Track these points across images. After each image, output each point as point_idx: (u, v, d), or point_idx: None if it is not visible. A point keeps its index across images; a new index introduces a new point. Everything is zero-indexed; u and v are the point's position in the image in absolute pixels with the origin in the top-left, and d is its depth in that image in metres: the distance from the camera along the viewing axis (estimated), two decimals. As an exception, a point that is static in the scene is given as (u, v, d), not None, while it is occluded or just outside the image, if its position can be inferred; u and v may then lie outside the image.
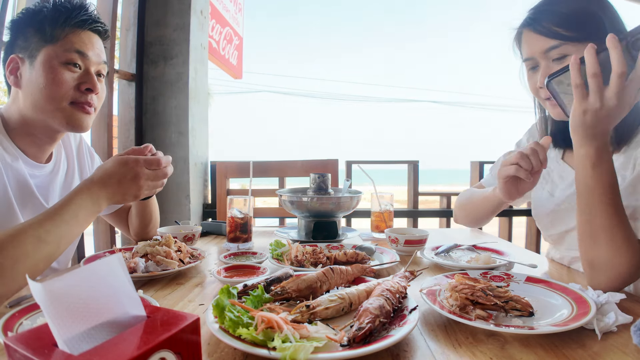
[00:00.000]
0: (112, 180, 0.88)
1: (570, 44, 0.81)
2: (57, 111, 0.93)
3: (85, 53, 0.94)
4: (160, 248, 0.94)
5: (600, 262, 0.76)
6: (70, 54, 0.92)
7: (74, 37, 0.93)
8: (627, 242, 0.74)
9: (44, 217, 0.79)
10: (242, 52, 5.09)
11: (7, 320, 0.60)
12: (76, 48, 0.93)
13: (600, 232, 0.75)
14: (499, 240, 1.34)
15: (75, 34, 0.94)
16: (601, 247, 0.75)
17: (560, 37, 0.82)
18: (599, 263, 0.76)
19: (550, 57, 0.85)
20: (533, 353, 0.55)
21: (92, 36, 0.97)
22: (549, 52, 0.84)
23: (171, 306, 0.74)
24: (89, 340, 0.38)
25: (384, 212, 1.37)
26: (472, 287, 0.67)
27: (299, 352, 0.49)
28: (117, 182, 0.88)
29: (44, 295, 0.36)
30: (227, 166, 2.06)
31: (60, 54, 0.91)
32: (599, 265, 0.76)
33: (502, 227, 2.68)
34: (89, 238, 1.99)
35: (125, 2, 2.34)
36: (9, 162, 0.93)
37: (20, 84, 0.93)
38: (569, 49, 0.82)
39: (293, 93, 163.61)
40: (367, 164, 2.09)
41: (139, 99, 2.41)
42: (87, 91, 0.95)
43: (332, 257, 0.99)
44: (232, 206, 1.20)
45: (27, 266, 0.73)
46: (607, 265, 0.75)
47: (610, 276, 0.76)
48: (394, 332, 0.57)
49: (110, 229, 2.12)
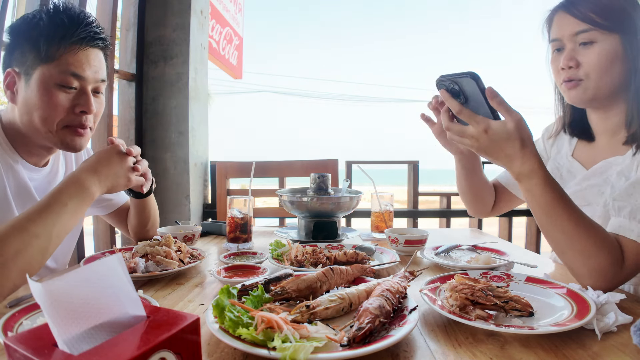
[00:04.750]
0: (99, 164, 0.89)
1: (599, 31, 0.85)
2: (49, 133, 0.91)
3: (81, 75, 0.90)
4: (160, 248, 0.94)
5: (580, 271, 0.77)
6: (65, 77, 0.88)
7: (71, 56, 0.89)
8: (594, 243, 0.74)
9: (33, 210, 0.77)
10: (242, 52, 5.09)
11: (7, 320, 0.60)
12: (72, 70, 0.89)
13: (562, 243, 0.77)
14: (499, 240, 1.34)
15: (72, 52, 0.89)
16: (572, 256, 0.76)
17: (592, 22, 0.85)
18: (580, 272, 0.77)
19: (578, 40, 0.87)
20: (533, 353, 0.55)
21: (90, 53, 0.92)
22: (578, 35, 0.87)
23: (171, 306, 0.74)
24: (89, 340, 0.38)
25: (384, 212, 1.37)
26: (472, 287, 0.67)
27: (299, 352, 0.49)
28: (105, 164, 0.89)
29: (44, 295, 0.36)
30: (227, 166, 2.06)
31: (55, 76, 0.88)
32: (581, 273, 0.77)
33: (502, 227, 2.68)
34: (89, 238, 1.99)
35: (125, 2, 2.34)
36: (8, 165, 0.93)
37: (16, 101, 0.92)
38: (596, 36, 0.85)
39: (293, 93, 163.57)
40: (367, 164, 2.09)
41: (139, 99, 2.41)
42: (81, 113, 0.93)
43: (332, 257, 0.99)
44: (232, 206, 1.20)
45: (20, 263, 0.72)
46: (588, 271, 0.75)
47: (594, 280, 0.75)
48: (394, 332, 0.57)
49: (110, 229, 2.12)
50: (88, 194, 0.85)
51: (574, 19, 0.87)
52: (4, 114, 0.97)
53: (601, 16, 0.84)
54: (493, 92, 0.72)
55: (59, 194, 0.81)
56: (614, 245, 0.75)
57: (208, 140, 2.69)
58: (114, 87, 2.17)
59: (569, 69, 0.89)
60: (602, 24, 0.84)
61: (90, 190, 0.86)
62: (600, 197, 0.92)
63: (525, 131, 0.74)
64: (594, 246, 0.74)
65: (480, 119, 0.75)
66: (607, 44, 0.84)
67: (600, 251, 0.74)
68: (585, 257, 0.75)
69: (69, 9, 0.91)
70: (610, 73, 0.86)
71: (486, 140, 0.75)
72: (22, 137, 0.95)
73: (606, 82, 0.87)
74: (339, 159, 2.01)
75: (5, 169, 0.93)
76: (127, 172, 0.95)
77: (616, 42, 0.84)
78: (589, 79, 0.87)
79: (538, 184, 0.75)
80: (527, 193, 0.77)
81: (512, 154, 0.74)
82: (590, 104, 0.93)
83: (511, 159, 0.75)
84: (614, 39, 0.84)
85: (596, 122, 0.98)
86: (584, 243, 0.74)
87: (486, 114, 0.75)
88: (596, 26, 0.85)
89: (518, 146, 0.73)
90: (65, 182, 0.84)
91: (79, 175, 0.86)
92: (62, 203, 0.80)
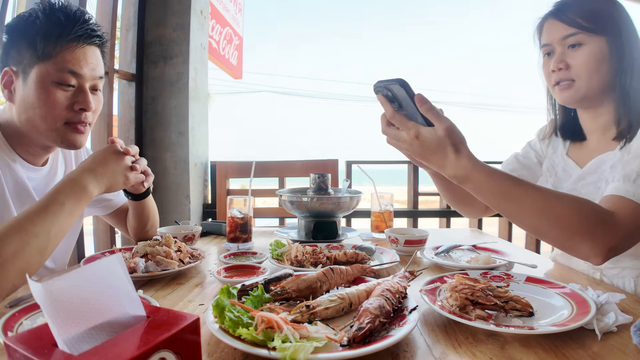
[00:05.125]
0: (96, 163, 0.89)
1: (586, 34, 0.89)
2: (50, 131, 0.92)
3: (78, 72, 0.90)
4: (160, 248, 0.94)
5: (571, 243, 0.75)
6: (63, 74, 0.88)
7: (68, 54, 0.88)
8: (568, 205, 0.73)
9: (31, 210, 0.77)
10: (242, 52, 5.08)
11: (7, 320, 0.60)
12: (69, 68, 0.89)
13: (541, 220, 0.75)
14: (499, 240, 1.34)
15: (70, 50, 0.89)
16: (556, 230, 0.74)
17: (579, 26, 0.89)
18: (572, 243, 0.75)
19: (567, 44, 0.92)
20: (533, 353, 0.55)
21: (87, 50, 0.92)
22: (566, 38, 0.91)
23: (171, 306, 0.74)
24: (89, 340, 0.38)
25: (384, 212, 1.37)
26: (472, 287, 0.67)
27: (299, 352, 0.49)
28: (102, 163, 0.89)
29: (44, 295, 0.36)
30: (227, 166, 2.06)
31: (52, 74, 0.88)
32: (572, 245, 0.75)
33: (502, 227, 2.68)
34: (89, 238, 1.99)
35: (125, 2, 2.34)
36: (7, 164, 0.93)
37: (14, 100, 0.91)
38: (584, 38, 0.90)
39: (293, 93, 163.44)
40: (367, 164, 2.09)
41: (139, 99, 2.40)
42: (80, 110, 0.93)
43: (332, 257, 0.99)
44: (232, 206, 1.20)
45: (19, 263, 0.72)
46: (579, 238, 0.73)
47: (587, 245, 0.73)
48: (394, 332, 0.57)
49: (110, 229, 2.12)
50: (85, 193, 0.85)
51: (562, 25, 0.92)
52: (2, 113, 0.97)
53: (588, 20, 0.89)
54: (422, 99, 0.74)
55: (57, 194, 0.81)
56: (594, 206, 0.74)
57: (208, 140, 2.69)
58: (113, 87, 2.17)
59: (559, 70, 0.93)
60: (589, 27, 0.89)
61: (87, 189, 0.86)
62: (597, 192, 0.93)
63: (457, 136, 0.74)
64: (570, 209, 0.73)
65: (412, 125, 0.76)
66: (594, 46, 0.89)
67: (579, 213, 0.73)
68: (568, 224, 0.73)
69: (65, 6, 0.91)
70: (598, 73, 0.90)
71: (418, 147, 0.77)
72: (20, 136, 0.95)
73: (596, 82, 0.90)
74: (339, 159, 2.01)
75: (4, 169, 0.92)
76: (125, 170, 0.95)
77: (603, 43, 0.89)
78: (580, 79, 0.91)
79: (481, 179, 0.75)
80: (476, 192, 0.77)
81: (444, 159, 0.75)
82: (581, 103, 0.96)
83: (444, 164, 0.76)
84: (600, 41, 0.89)
85: (587, 122, 1.01)
86: (559, 210, 0.73)
87: (420, 121, 0.76)
88: (583, 30, 0.89)
89: (450, 151, 0.74)
90: (62, 182, 0.84)
91: (76, 175, 0.86)
92: (59, 203, 0.80)
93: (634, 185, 0.75)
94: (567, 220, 0.73)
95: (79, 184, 0.85)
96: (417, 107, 0.74)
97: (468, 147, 0.76)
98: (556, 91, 0.97)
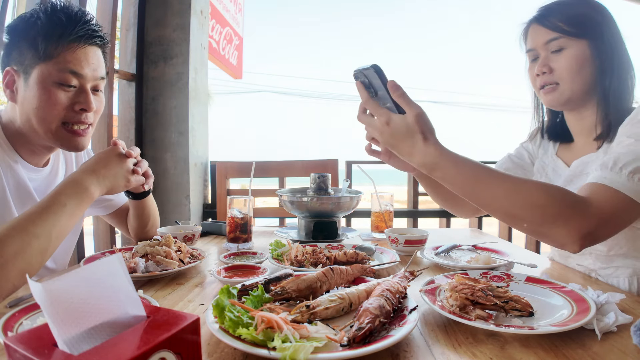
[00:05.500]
0: (99, 165, 0.89)
1: (567, 38, 0.91)
2: (49, 132, 0.91)
3: (80, 73, 0.90)
4: (160, 248, 0.94)
5: (545, 228, 0.73)
6: (64, 75, 0.88)
7: (69, 54, 0.88)
8: (542, 189, 0.72)
9: (32, 211, 0.77)
10: (242, 52, 5.08)
11: (7, 320, 0.60)
12: (70, 68, 0.88)
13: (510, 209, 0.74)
14: (499, 240, 1.34)
15: (71, 51, 0.89)
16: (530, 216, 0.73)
17: (561, 31, 0.91)
18: (546, 229, 0.73)
19: (550, 48, 0.93)
20: (533, 353, 0.55)
21: (88, 51, 0.92)
22: (549, 43, 0.93)
23: (171, 306, 0.74)
24: (89, 340, 0.38)
25: (384, 212, 1.37)
26: (472, 287, 0.67)
27: (299, 352, 0.49)
28: (104, 165, 0.89)
29: (44, 295, 0.36)
30: (227, 166, 2.06)
31: (53, 74, 0.87)
32: (547, 231, 0.73)
33: (502, 227, 2.68)
34: (89, 238, 1.99)
35: (125, 2, 2.34)
36: (8, 165, 0.93)
37: (16, 100, 0.91)
38: (566, 42, 0.91)
39: (293, 93, 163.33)
40: (367, 164, 2.09)
41: (139, 99, 2.40)
42: (81, 111, 0.93)
43: (332, 257, 0.99)
44: (232, 206, 1.20)
45: (19, 264, 0.72)
46: (553, 221, 0.71)
47: (564, 231, 0.71)
48: (394, 332, 0.57)
49: (110, 229, 2.12)
50: (87, 195, 0.85)
51: (545, 30, 0.93)
52: (4, 113, 0.97)
53: (569, 24, 0.90)
54: (395, 86, 0.74)
55: (58, 195, 0.81)
56: (567, 191, 0.73)
57: (208, 140, 2.69)
58: (114, 87, 2.17)
59: (543, 74, 0.95)
60: (570, 31, 0.90)
61: (89, 190, 0.86)
62: None
63: (426, 124, 0.75)
64: (541, 192, 0.72)
65: (383, 111, 0.77)
66: (575, 49, 0.90)
67: (552, 196, 0.72)
68: (540, 206, 0.71)
69: (66, 7, 0.91)
70: (580, 75, 0.91)
71: (388, 133, 0.77)
72: (22, 136, 0.95)
73: (579, 84, 0.92)
74: (339, 159, 2.01)
75: (5, 169, 0.92)
76: (127, 173, 0.95)
77: (584, 46, 0.90)
78: (564, 82, 0.92)
79: (449, 167, 0.75)
80: (445, 181, 0.77)
81: (412, 146, 0.75)
82: (566, 106, 0.97)
83: (412, 152, 0.76)
84: (582, 44, 0.90)
85: (573, 123, 1.02)
86: (530, 194, 0.72)
87: (392, 107, 0.76)
88: (565, 34, 0.91)
89: (419, 139, 0.74)
90: (64, 183, 0.84)
91: (78, 176, 0.86)
92: (61, 204, 0.80)
93: (610, 172, 0.74)
94: (538, 202, 0.71)
95: (81, 185, 0.85)
96: (390, 94, 0.75)
97: (436, 136, 0.76)
98: (542, 94, 0.99)
